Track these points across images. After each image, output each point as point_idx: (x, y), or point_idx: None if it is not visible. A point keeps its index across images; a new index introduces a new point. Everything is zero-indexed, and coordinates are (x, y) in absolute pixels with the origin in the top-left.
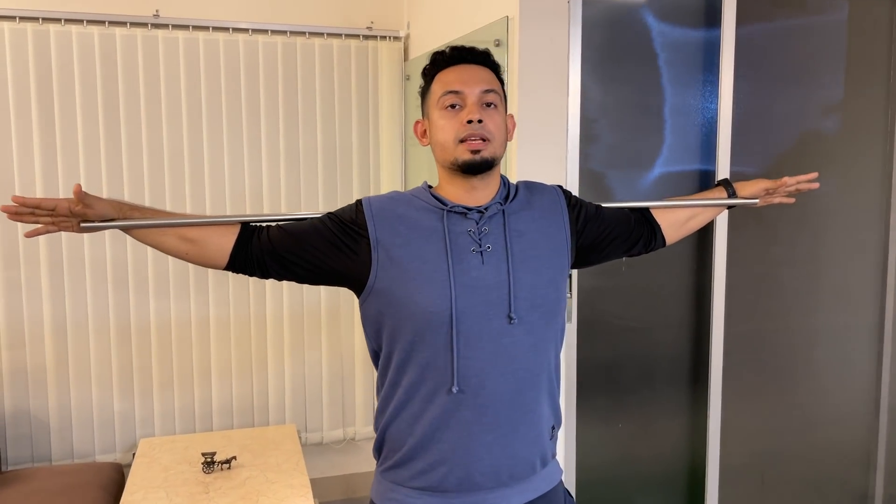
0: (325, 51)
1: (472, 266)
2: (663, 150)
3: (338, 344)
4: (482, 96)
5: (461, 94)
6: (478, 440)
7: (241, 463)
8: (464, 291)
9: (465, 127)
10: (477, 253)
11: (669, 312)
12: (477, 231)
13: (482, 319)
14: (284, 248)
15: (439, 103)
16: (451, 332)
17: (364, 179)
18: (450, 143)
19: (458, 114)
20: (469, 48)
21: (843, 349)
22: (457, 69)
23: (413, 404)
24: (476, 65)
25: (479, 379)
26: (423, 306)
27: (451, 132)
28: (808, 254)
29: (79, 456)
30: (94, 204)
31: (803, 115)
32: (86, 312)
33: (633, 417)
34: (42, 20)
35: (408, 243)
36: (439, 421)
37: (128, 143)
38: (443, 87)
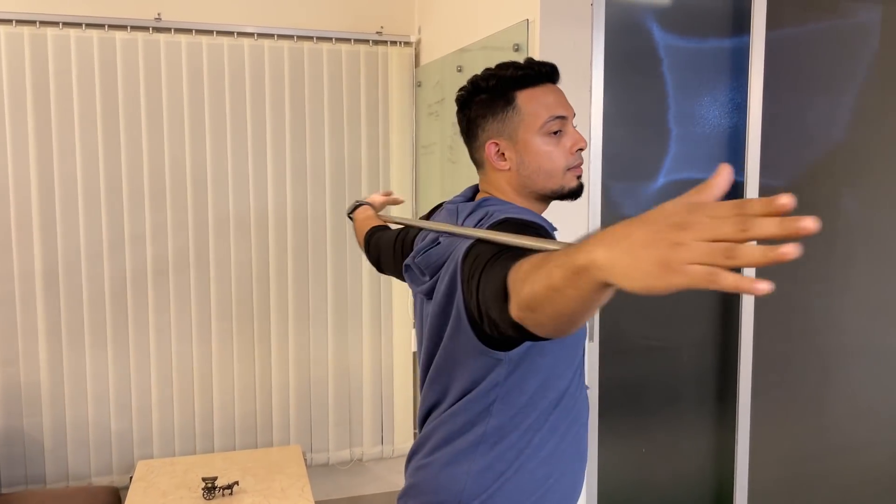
0: (334, 56)
1: None
2: (688, 159)
3: (345, 360)
4: (573, 121)
5: (566, 119)
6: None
7: (244, 488)
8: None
9: (575, 155)
10: None
11: (695, 331)
12: None
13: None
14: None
15: (544, 129)
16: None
17: (374, 188)
18: (558, 171)
19: (561, 140)
20: (552, 65)
21: (875, 369)
22: (550, 90)
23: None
24: (555, 84)
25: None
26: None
27: (560, 160)
28: (839, 270)
29: (74, 478)
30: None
31: (834, 124)
32: (82, 327)
33: (657, 440)
34: (39, 24)
35: None
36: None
37: (127, 152)
38: (548, 111)
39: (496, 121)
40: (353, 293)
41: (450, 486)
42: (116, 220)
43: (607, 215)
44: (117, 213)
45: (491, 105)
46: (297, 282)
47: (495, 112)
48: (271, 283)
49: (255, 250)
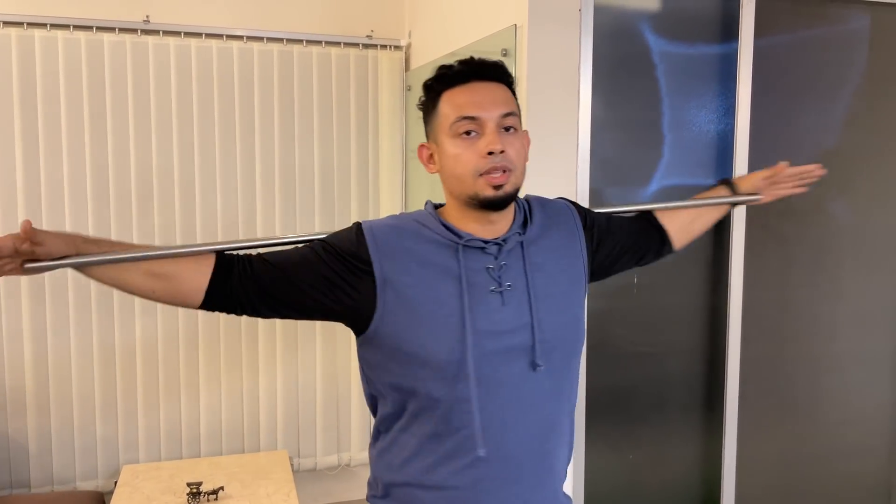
0: (323, 59)
1: (492, 308)
2: (677, 165)
3: (333, 365)
4: (501, 121)
5: (478, 119)
6: (501, 499)
7: (229, 493)
8: (483, 337)
9: (486, 159)
10: (497, 293)
11: (683, 337)
12: (496, 268)
13: (502, 367)
14: (271, 284)
15: (452, 130)
16: (468, 385)
17: (363, 193)
18: (468, 176)
19: (476, 142)
20: (481, 61)
21: (863, 377)
22: (470, 89)
23: (427, 458)
24: (490, 81)
25: (501, 433)
26: (436, 355)
27: (469, 164)
28: (827, 277)
29: (59, 482)
30: (46, 240)
31: (823, 130)
32: (68, 331)
33: (645, 446)
34: (27, 25)
35: (419, 283)
36: (463, 487)
37: (115, 154)
38: (456, 111)
39: (428, 124)
40: None
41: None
42: (103, 222)
43: None
44: (104, 215)
45: (425, 107)
46: None
47: (427, 115)
48: None
49: None
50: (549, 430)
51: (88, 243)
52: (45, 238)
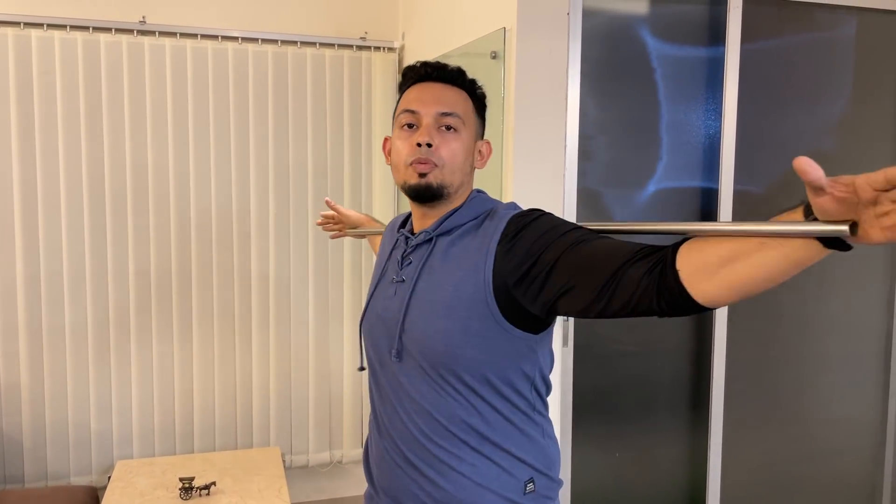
0: (317, 61)
1: (386, 295)
2: (664, 168)
3: (325, 363)
4: (439, 119)
5: (417, 114)
6: (400, 472)
7: (221, 489)
8: (376, 321)
9: (415, 150)
10: (394, 283)
11: (669, 337)
12: (401, 260)
13: (383, 351)
14: None
15: (397, 121)
16: (370, 356)
17: (356, 193)
18: (401, 164)
19: (412, 135)
20: (437, 64)
21: (848, 377)
22: (420, 87)
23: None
24: (443, 83)
25: (389, 411)
26: (361, 325)
27: (402, 153)
28: (813, 278)
29: (53, 477)
30: (345, 211)
31: (809, 133)
32: (63, 327)
33: (631, 445)
34: (24, 25)
35: (375, 268)
36: (375, 439)
37: (110, 154)
38: (402, 105)
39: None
40: (333, 295)
41: None
42: (99, 221)
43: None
44: (99, 214)
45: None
46: (278, 284)
47: (394, 110)
48: (253, 284)
49: (236, 252)
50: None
51: (371, 220)
52: (343, 211)
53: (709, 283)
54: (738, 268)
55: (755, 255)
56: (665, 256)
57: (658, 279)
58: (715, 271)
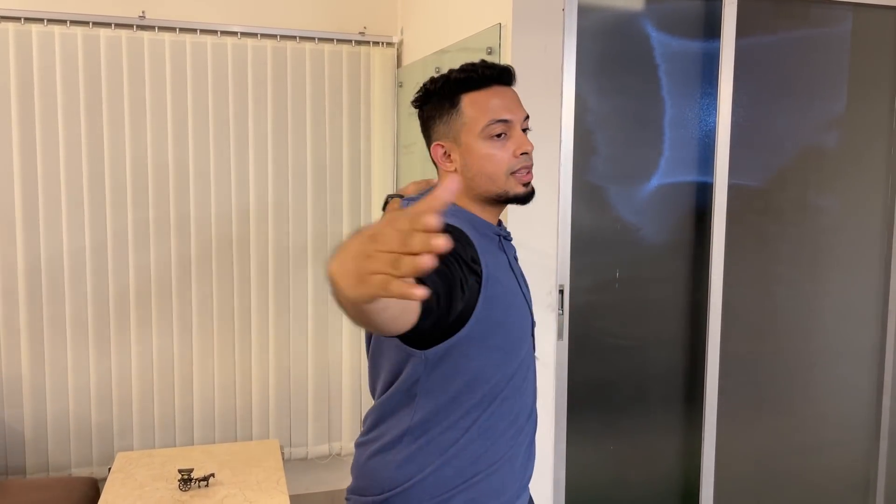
0: (316, 56)
1: (522, 292)
2: (660, 163)
3: (325, 355)
4: (523, 124)
5: (510, 122)
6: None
7: (220, 480)
8: (529, 325)
9: (518, 159)
10: (515, 276)
11: (664, 331)
12: (514, 256)
13: (531, 352)
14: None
15: (485, 132)
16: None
17: (355, 188)
18: (500, 175)
19: (506, 143)
20: (502, 67)
21: (842, 371)
22: (497, 93)
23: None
24: (508, 86)
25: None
26: (519, 341)
27: (502, 164)
28: (807, 273)
29: (54, 469)
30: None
31: (804, 129)
32: (64, 320)
33: (626, 438)
34: (24, 20)
35: (499, 279)
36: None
37: (110, 149)
38: (488, 115)
39: (442, 123)
40: None
41: (375, 473)
42: (99, 216)
43: (579, 218)
44: (100, 209)
45: (439, 107)
46: (277, 277)
47: (442, 114)
48: (252, 278)
49: (236, 245)
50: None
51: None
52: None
53: None
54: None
55: None
56: None
57: None
58: None
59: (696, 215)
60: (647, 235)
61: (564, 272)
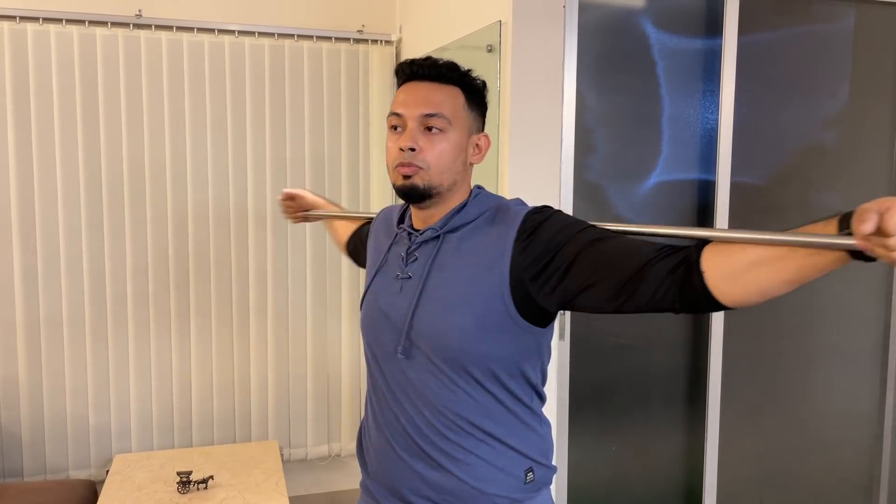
0: (314, 54)
1: (391, 291)
2: (662, 161)
3: (324, 356)
4: (423, 121)
5: (402, 117)
6: (402, 465)
7: (219, 482)
8: (379, 316)
9: (400, 153)
10: (399, 279)
11: (666, 330)
12: (406, 257)
13: (389, 346)
14: (358, 250)
15: (387, 123)
16: (370, 352)
17: (353, 187)
18: (390, 168)
19: (399, 138)
20: (424, 62)
21: (845, 370)
22: (408, 88)
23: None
24: (432, 82)
25: (392, 404)
26: (361, 321)
27: (390, 157)
28: None
29: (52, 471)
30: (301, 194)
31: (807, 126)
32: (60, 321)
33: (628, 438)
34: (19, 19)
35: (370, 260)
36: (373, 431)
37: (107, 148)
38: (392, 107)
39: None
40: (331, 289)
41: None
42: (95, 215)
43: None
44: (96, 208)
45: None
46: (276, 278)
47: None
48: (251, 278)
49: (234, 246)
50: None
51: (327, 204)
52: (300, 194)
53: (734, 285)
54: (766, 272)
55: (784, 261)
56: (688, 257)
57: (682, 279)
58: (741, 275)
59: (699, 213)
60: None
61: None
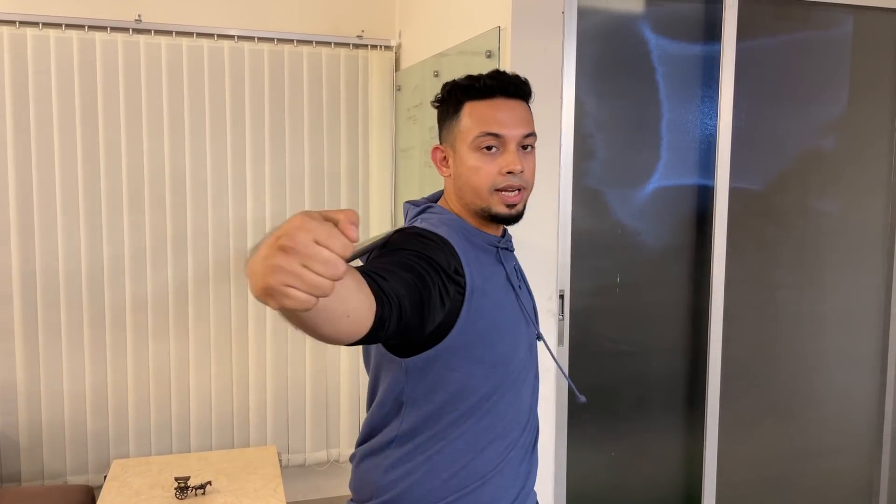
0: (314, 59)
1: (510, 301)
2: (661, 166)
3: (322, 361)
4: (522, 140)
5: (501, 137)
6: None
7: (217, 488)
8: (519, 323)
9: (504, 177)
10: (514, 289)
11: (665, 336)
12: (514, 269)
13: (525, 345)
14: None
15: (474, 143)
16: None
17: (353, 192)
18: (484, 190)
19: (496, 158)
20: (508, 78)
21: (844, 376)
22: (497, 105)
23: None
24: (514, 99)
25: (530, 417)
26: (508, 355)
27: (487, 179)
28: (809, 277)
29: (49, 476)
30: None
31: (805, 132)
32: (59, 326)
33: (627, 444)
34: (19, 24)
35: (491, 290)
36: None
37: (106, 153)
38: (480, 126)
39: (445, 128)
40: None
41: (365, 476)
42: (94, 220)
43: (579, 222)
44: (95, 213)
45: (444, 112)
46: None
47: (446, 119)
48: None
49: (233, 251)
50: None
51: None
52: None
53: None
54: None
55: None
56: None
57: None
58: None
59: (698, 219)
60: (647, 239)
61: (565, 277)
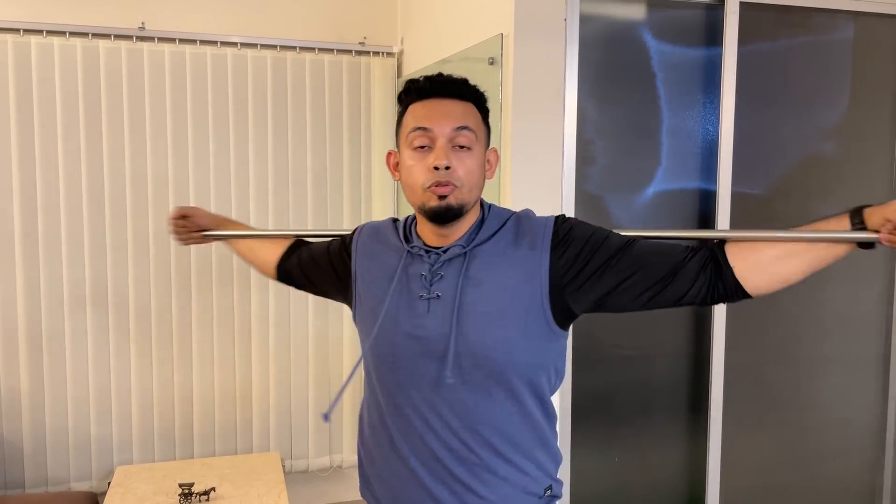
0: (316, 66)
1: (417, 313)
2: (663, 171)
3: (325, 367)
4: (453, 136)
5: (430, 132)
6: (423, 492)
7: (221, 494)
8: (405, 341)
9: (432, 173)
10: (425, 300)
11: (668, 340)
12: (429, 276)
13: (425, 371)
14: (307, 269)
15: (408, 140)
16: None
17: (355, 198)
18: (417, 187)
19: (427, 156)
20: (444, 78)
21: (847, 380)
22: (428, 104)
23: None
24: (451, 98)
25: (423, 431)
26: (372, 347)
27: (419, 176)
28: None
29: (53, 483)
30: (194, 213)
31: (807, 137)
32: (62, 333)
33: (630, 449)
34: (23, 31)
35: (372, 282)
36: (390, 462)
37: (109, 159)
38: (413, 122)
39: (396, 133)
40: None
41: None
42: (98, 227)
43: None
44: (99, 221)
45: (398, 116)
46: (277, 289)
47: (397, 123)
48: (252, 289)
49: (236, 258)
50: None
51: (227, 222)
52: (193, 212)
53: (761, 276)
54: (791, 263)
55: (806, 254)
56: (714, 256)
57: (713, 274)
58: (767, 267)
59: (700, 223)
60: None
61: None
